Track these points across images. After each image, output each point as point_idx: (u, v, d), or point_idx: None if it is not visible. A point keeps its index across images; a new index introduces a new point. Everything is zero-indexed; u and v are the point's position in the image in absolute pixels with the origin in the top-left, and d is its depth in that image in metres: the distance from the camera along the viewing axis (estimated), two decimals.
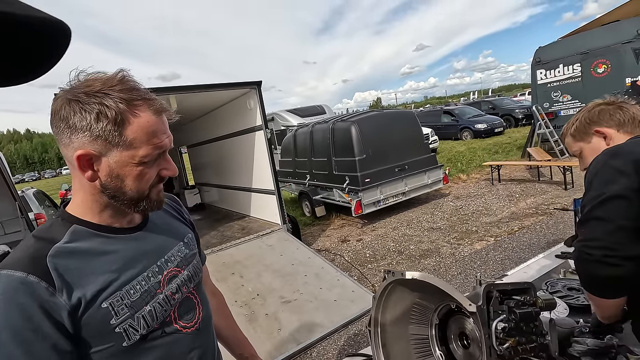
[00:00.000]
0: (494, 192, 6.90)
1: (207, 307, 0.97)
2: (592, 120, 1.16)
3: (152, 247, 0.86)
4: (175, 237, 0.94)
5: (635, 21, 7.04)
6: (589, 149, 1.17)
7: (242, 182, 5.98)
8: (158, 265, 0.85)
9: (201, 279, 0.98)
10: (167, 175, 0.81)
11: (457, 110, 16.40)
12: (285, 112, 12.97)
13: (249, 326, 3.05)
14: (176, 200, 1.05)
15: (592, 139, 1.17)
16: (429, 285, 1.15)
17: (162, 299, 0.82)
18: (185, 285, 0.90)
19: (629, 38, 7.12)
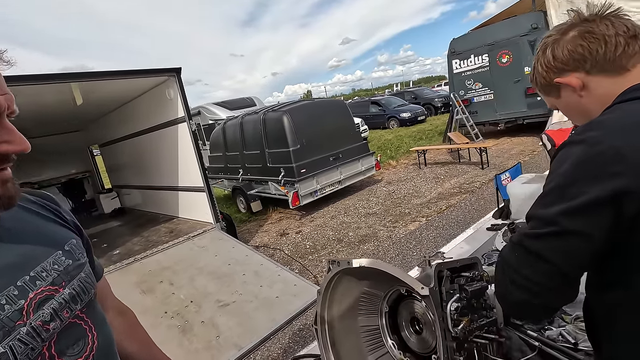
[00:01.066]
0: (421, 175, 7.31)
1: (105, 332, 0.73)
2: (549, 65, 0.77)
3: (8, 262, 0.61)
4: (49, 245, 0.68)
5: (530, 16, 7.93)
6: (564, 107, 0.81)
7: (167, 181, 5.45)
8: (18, 285, 0.60)
9: (94, 296, 0.74)
10: (9, 151, 0.57)
11: (384, 101, 17.16)
12: (213, 105, 12.27)
13: (182, 338, 2.75)
14: (50, 199, 0.79)
15: (560, 93, 0.79)
16: (377, 272, 1.05)
17: (25, 333, 0.58)
18: (68, 308, 0.66)
19: (525, 31, 8.00)
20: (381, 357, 1.11)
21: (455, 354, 0.90)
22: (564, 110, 0.83)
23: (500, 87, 8.66)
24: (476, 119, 9.13)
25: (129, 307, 0.99)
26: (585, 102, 0.74)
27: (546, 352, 1.05)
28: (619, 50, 0.68)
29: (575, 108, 0.78)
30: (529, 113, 8.30)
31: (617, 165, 0.56)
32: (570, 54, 0.72)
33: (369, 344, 1.14)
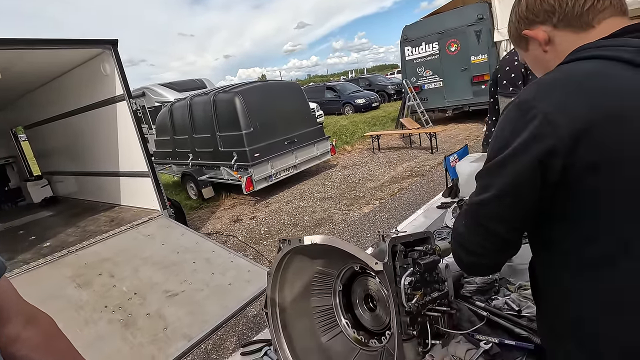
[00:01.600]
0: (375, 160, 7.44)
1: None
2: (521, 14, 0.75)
3: None
4: None
5: (476, 7, 8.27)
6: (531, 60, 0.80)
7: (106, 166, 4.98)
8: None
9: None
10: None
11: (339, 87, 17.19)
12: (159, 86, 11.44)
13: (125, 332, 2.55)
14: None
15: (528, 46, 0.77)
16: (330, 250, 1.00)
17: None
18: None
19: (472, 21, 8.34)
20: (335, 337, 1.07)
21: (409, 328, 0.88)
22: (531, 64, 0.81)
23: (449, 74, 9.01)
24: (426, 106, 9.46)
25: (44, 313, 0.80)
26: (549, 57, 0.73)
27: (493, 321, 1.08)
28: (588, 4, 0.66)
29: (540, 62, 0.77)
30: (475, 100, 8.76)
31: (544, 129, 0.57)
32: (542, 4, 0.70)
33: (322, 324, 1.09)
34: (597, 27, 0.66)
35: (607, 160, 0.55)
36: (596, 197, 0.57)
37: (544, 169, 0.58)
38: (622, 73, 0.58)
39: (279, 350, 1.00)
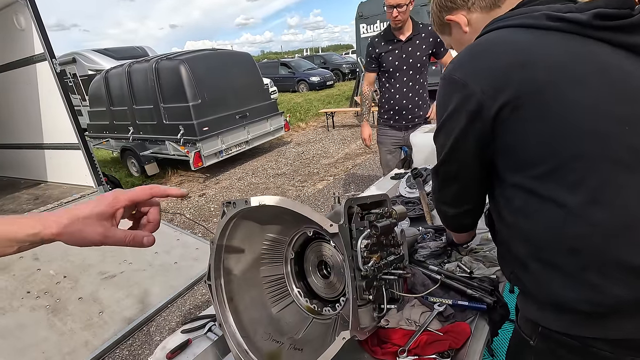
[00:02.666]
0: (329, 137, 7.41)
1: None
2: (441, 4, 0.88)
3: None
4: None
5: None
6: (455, 43, 0.92)
7: (26, 138, 4.38)
8: None
9: None
10: None
11: (293, 63, 16.78)
12: (92, 52, 10.27)
13: (53, 319, 2.29)
14: None
15: (451, 31, 0.91)
16: (281, 213, 0.90)
17: None
18: None
19: (424, 2, 8.44)
20: (286, 307, 1.00)
21: (365, 292, 0.83)
22: (455, 46, 0.94)
23: None
24: None
25: None
26: (468, 36, 0.86)
27: (446, 284, 1.07)
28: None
29: (462, 43, 0.88)
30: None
31: (467, 91, 0.68)
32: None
33: (272, 294, 1.01)
34: (502, 6, 0.80)
35: (524, 98, 0.64)
36: (524, 129, 0.65)
37: (478, 122, 0.68)
38: (525, 35, 0.68)
39: (223, 324, 0.90)
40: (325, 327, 0.93)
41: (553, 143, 0.63)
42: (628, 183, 0.60)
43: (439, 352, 0.85)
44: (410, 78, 2.47)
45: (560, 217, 0.63)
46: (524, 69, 0.64)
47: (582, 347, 0.66)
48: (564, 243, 0.64)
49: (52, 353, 2.06)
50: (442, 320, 0.96)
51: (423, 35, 2.36)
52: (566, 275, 0.65)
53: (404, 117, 2.59)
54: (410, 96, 2.53)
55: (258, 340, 0.92)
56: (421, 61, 2.42)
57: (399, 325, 0.95)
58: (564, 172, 0.63)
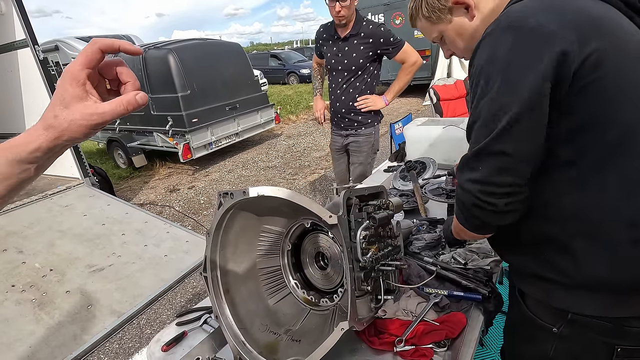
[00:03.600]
0: (320, 130, 7.37)
1: None
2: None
3: None
4: None
5: None
6: (455, 31, 0.84)
7: (7, 127, 4.24)
8: None
9: None
10: None
11: (284, 55, 16.58)
12: (76, 39, 9.98)
13: (40, 312, 2.24)
14: None
15: (453, 17, 0.83)
16: (278, 204, 0.90)
17: None
18: None
19: None
20: (283, 299, 0.99)
21: (363, 283, 0.83)
22: (453, 36, 0.85)
23: None
24: None
25: None
26: (475, 23, 0.80)
27: (442, 275, 1.08)
28: None
29: (464, 32, 0.82)
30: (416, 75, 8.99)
31: (551, 38, 0.60)
32: None
33: (269, 286, 1.00)
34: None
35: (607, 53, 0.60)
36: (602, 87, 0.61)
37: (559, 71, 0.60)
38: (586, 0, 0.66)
39: (220, 316, 0.89)
40: (322, 318, 0.94)
41: (624, 107, 0.61)
42: None
43: (435, 341, 0.86)
44: (345, 80, 2.22)
45: (624, 189, 0.62)
46: (603, 30, 0.62)
47: (614, 327, 0.68)
48: (624, 216, 0.63)
49: (39, 347, 2.02)
50: (438, 310, 0.97)
51: (362, 35, 2.10)
52: (615, 251, 0.64)
53: (341, 120, 2.36)
54: (343, 100, 2.27)
55: (255, 332, 0.92)
56: (357, 64, 2.15)
57: (396, 315, 0.96)
58: (631, 141, 0.62)
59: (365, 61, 2.15)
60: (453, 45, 0.87)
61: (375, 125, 2.35)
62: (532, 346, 0.80)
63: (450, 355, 0.84)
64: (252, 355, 0.86)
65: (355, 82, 2.22)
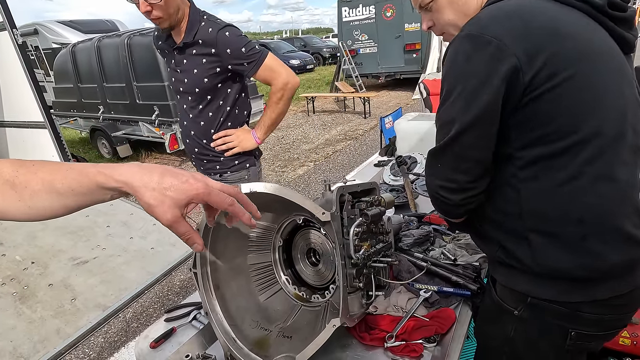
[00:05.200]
0: (310, 122, 7.35)
1: None
2: None
3: None
4: None
5: None
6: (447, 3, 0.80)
7: None
8: None
9: None
10: None
11: (273, 45, 16.36)
12: (57, 23, 9.59)
13: (21, 306, 2.19)
14: None
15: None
16: (271, 200, 0.89)
17: None
18: None
19: None
20: (274, 295, 0.99)
21: (355, 280, 0.83)
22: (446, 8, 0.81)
23: (383, 40, 9.07)
24: (361, 71, 9.50)
25: None
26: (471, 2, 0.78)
27: (431, 271, 1.09)
28: None
29: (457, 4, 0.79)
30: (406, 68, 9.02)
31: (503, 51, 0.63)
32: None
33: (260, 282, 1.00)
34: None
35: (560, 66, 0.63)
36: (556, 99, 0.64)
37: (511, 86, 0.64)
38: (551, 6, 0.68)
39: (210, 313, 0.88)
40: (314, 314, 0.94)
41: (580, 116, 0.65)
42: (628, 160, 0.68)
43: (425, 337, 0.87)
44: (189, 107, 1.53)
45: (573, 190, 0.67)
46: (560, 37, 0.64)
47: (570, 312, 0.73)
48: (572, 214, 0.68)
49: (21, 341, 1.97)
50: (427, 306, 0.98)
51: (200, 43, 1.40)
52: (567, 244, 0.69)
53: (198, 162, 1.68)
54: (193, 135, 1.57)
55: (246, 328, 0.91)
56: (201, 85, 1.44)
57: (387, 311, 0.97)
58: (583, 146, 0.65)
59: (212, 81, 1.44)
60: (439, 14, 0.82)
61: (248, 167, 1.65)
62: (496, 327, 0.86)
63: (439, 350, 0.85)
64: (242, 352, 0.85)
65: (205, 111, 1.50)
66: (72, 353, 2.02)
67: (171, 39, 1.47)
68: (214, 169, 1.64)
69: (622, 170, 0.67)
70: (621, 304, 0.75)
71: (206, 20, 1.42)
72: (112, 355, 2.01)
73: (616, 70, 0.68)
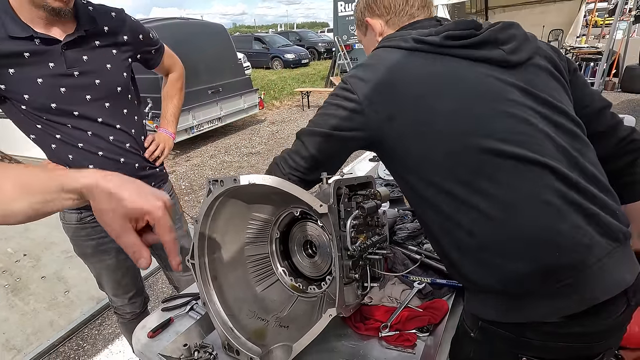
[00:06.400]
0: (305, 117, 7.34)
1: None
2: (368, 3, 0.92)
3: None
4: None
5: None
6: (365, 44, 0.98)
7: None
8: None
9: None
10: None
11: (268, 38, 16.24)
12: None
13: (14, 299, 2.18)
14: None
15: (367, 32, 0.95)
16: (269, 192, 0.90)
17: None
18: None
19: None
20: (271, 286, 1.00)
21: (351, 271, 0.85)
22: (366, 47, 0.98)
23: None
24: None
25: None
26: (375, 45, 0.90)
27: (425, 263, 1.11)
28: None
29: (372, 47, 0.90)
30: None
31: (351, 95, 0.77)
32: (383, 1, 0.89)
33: (257, 273, 1.01)
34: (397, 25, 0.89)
35: (396, 111, 0.74)
36: (403, 139, 0.75)
37: (353, 123, 0.78)
38: (397, 55, 0.77)
39: (208, 303, 0.90)
40: (310, 305, 0.95)
41: (427, 150, 0.73)
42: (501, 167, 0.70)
43: (418, 327, 0.89)
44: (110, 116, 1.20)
45: (461, 209, 0.72)
46: (396, 86, 0.74)
47: (515, 337, 0.71)
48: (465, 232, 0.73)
49: (14, 333, 1.97)
50: (421, 297, 1.00)
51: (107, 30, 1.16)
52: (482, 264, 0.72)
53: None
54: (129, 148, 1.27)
55: (243, 318, 0.93)
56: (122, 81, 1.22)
57: (381, 302, 0.99)
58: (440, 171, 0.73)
59: (128, 76, 1.24)
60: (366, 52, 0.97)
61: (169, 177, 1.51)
62: (460, 348, 0.86)
63: (432, 340, 0.87)
64: (240, 341, 0.87)
65: (130, 115, 1.26)
66: (66, 345, 2.01)
67: (44, 34, 1.02)
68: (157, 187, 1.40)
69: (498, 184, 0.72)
70: (581, 332, 0.67)
71: (87, 2, 1.13)
72: (106, 347, 2.02)
73: (463, 94, 0.73)
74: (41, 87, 1.04)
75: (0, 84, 1.02)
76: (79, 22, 1.08)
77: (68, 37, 1.05)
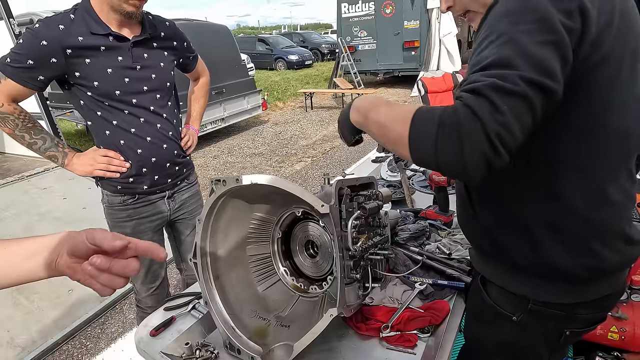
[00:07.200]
0: (308, 118, 7.35)
1: None
2: None
3: None
4: None
5: None
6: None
7: None
8: None
9: None
10: None
11: (272, 40, 16.29)
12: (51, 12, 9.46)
13: (19, 297, 2.20)
14: None
15: None
16: (271, 192, 0.90)
17: None
18: None
19: None
20: (272, 286, 1.01)
21: (352, 271, 0.85)
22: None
23: (382, 37, 9.06)
24: (359, 67, 9.48)
25: None
26: None
27: (427, 264, 1.11)
28: None
29: None
30: (404, 66, 9.03)
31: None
32: None
33: (258, 273, 1.01)
34: None
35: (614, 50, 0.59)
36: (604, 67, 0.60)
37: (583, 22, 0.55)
38: None
39: (210, 302, 0.90)
40: (311, 304, 0.96)
41: (614, 108, 0.63)
42: (631, 164, 0.70)
43: (419, 328, 0.89)
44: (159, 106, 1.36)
45: (590, 186, 0.66)
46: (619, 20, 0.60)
47: (567, 314, 0.73)
48: (583, 211, 0.66)
49: (18, 331, 1.98)
50: (422, 298, 1.00)
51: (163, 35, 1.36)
52: (570, 243, 0.68)
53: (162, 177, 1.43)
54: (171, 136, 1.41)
55: (245, 317, 0.93)
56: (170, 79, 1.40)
57: (382, 302, 0.99)
58: (606, 141, 0.65)
59: (173, 75, 1.42)
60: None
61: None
62: (490, 331, 0.84)
63: (433, 340, 0.87)
64: (241, 340, 0.87)
65: (171, 108, 1.42)
66: (70, 343, 2.03)
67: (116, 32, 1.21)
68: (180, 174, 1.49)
69: (626, 176, 0.70)
70: (608, 303, 0.78)
71: (146, 12, 1.33)
72: (109, 346, 2.03)
73: None
74: (110, 76, 1.24)
75: (76, 71, 1.20)
76: (144, 26, 1.30)
77: (135, 37, 1.26)
